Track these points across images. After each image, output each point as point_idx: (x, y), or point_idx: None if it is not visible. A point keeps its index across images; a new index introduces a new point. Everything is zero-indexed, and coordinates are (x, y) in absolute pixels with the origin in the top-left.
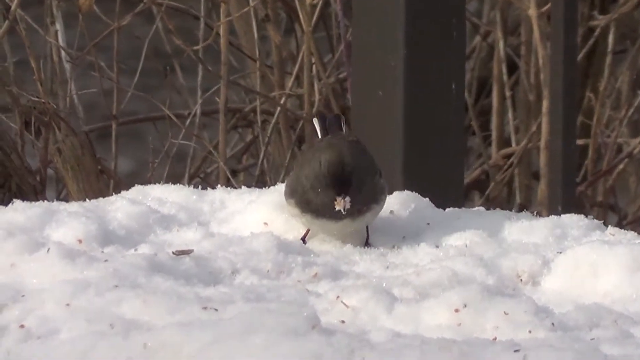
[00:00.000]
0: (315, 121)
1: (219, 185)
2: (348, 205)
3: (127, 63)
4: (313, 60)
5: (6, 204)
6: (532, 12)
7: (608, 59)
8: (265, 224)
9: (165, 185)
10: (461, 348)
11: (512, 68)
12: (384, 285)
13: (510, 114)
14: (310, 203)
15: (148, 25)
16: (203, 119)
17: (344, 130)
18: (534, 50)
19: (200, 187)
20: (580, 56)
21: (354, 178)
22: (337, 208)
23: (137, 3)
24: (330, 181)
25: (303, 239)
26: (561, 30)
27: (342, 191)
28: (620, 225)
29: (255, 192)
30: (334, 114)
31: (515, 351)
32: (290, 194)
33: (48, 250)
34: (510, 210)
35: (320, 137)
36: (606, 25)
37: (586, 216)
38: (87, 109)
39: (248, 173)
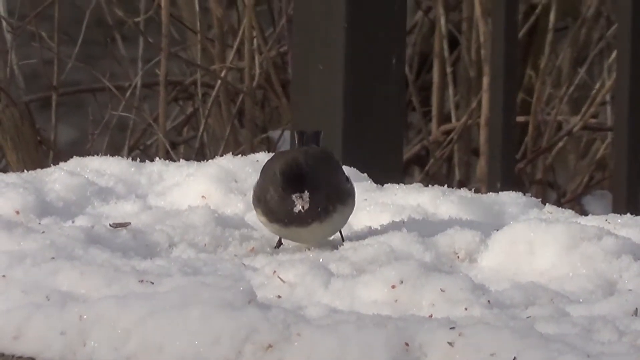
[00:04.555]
0: (295, 135)
1: (158, 158)
2: (307, 202)
3: (68, 33)
4: (254, 34)
5: None
6: None
7: (549, 36)
8: (203, 197)
9: (104, 157)
10: (397, 324)
11: (454, 44)
12: (321, 260)
13: (450, 90)
14: (275, 212)
15: None
16: (143, 90)
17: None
18: (475, 26)
19: (139, 159)
20: (521, 33)
21: (309, 177)
22: (296, 207)
23: None
24: (284, 183)
25: (277, 246)
26: (502, 7)
27: (297, 189)
28: (558, 203)
29: (194, 165)
30: (314, 130)
31: (451, 328)
32: (257, 202)
33: None
34: (450, 186)
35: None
36: (547, 2)
37: (524, 194)
38: (29, 79)
39: (188, 146)
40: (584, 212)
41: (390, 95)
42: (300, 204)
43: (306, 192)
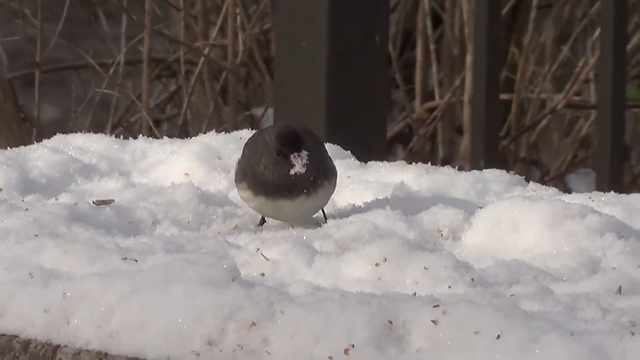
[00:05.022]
0: None
1: (141, 135)
2: (305, 160)
3: (51, 10)
4: (237, 11)
5: None
6: None
7: (533, 14)
8: (187, 174)
9: (87, 134)
10: (380, 302)
11: (437, 21)
12: (305, 238)
13: (434, 68)
14: (264, 183)
15: None
16: (127, 68)
17: None
18: (458, 4)
19: (122, 136)
20: (504, 10)
21: (303, 141)
22: (295, 169)
23: None
24: (281, 145)
25: (261, 224)
26: None
27: (295, 149)
28: (542, 180)
29: (177, 142)
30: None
31: (435, 306)
32: (241, 177)
33: None
34: (433, 164)
35: None
36: None
37: (508, 171)
38: (12, 56)
39: (171, 123)
40: (567, 190)
41: (373, 72)
42: (299, 163)
43: (304, 152)
